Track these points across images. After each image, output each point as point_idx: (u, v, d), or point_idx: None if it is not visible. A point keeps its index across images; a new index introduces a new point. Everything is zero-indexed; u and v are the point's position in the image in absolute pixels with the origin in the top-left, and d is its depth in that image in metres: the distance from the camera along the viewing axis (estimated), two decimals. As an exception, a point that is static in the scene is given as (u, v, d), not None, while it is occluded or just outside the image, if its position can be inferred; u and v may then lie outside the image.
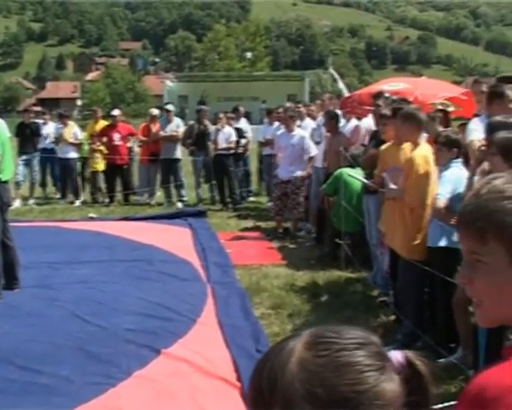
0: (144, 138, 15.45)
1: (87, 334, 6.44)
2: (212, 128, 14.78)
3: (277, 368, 1.12)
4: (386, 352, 1.16)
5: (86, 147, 15.99)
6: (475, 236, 1.38)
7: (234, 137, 14.58)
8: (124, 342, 6.18)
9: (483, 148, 5.27)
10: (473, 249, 1.40)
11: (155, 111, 16.25)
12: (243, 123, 15.94)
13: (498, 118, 5.38)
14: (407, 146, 6.71)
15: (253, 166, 16.99)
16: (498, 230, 1.35)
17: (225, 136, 14.43)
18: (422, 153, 6.28)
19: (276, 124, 13.86)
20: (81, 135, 16.00)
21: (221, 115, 14.73)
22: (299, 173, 11.27)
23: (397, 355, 1.18)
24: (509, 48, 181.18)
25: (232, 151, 14.62)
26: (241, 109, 16.25)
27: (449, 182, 5.81)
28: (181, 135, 15.06)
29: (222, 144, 14.39)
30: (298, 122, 12.07)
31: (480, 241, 1.37)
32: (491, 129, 5.24)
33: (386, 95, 8.48)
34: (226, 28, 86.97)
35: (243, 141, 15.23)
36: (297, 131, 11.49)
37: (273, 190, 12.21)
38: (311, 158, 11.31)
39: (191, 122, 15.86)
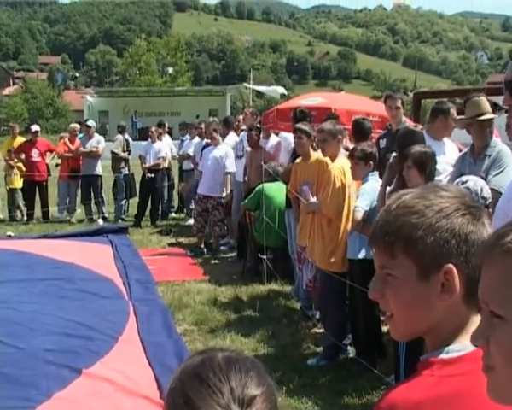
0: (65, 154, 15.16)
1: (4, 356, 6.25)
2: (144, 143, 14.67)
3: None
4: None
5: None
6: (385, 250, 1.41)
7: (163, 153, 14.49)
8: (43, 363, 6.03)
9: (394, 160, 5.43)
10: (383, 264, 1.42)
11: (76, 125, 16.02)
12: (167, 138, 15.84)
13: (405, 127, 5.54)
14: (319, 159, 6.86)
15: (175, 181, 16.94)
16: (406, 244, 1.37)
17: (155, 151, 14.33)
18: (339, 165, 6.39)
19: (197, 139, 13.85)
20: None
21: (152, 129, 14.62)
22: (218, 192, 11.27)
23: None
24: (426, 63, 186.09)
25: (161, 167, 14.55)
26: (166, 124, 16.15)
27: (367, 194, 5.92)
28: (101, 151, 14.88)
29: (151, 160, 14.29)
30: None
31: (390, 255, 1.40)
32: (402, 137, 5.42)
33: (305, 110, 8.58)
34: (147, 43, 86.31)
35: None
36: (222, 146, 11.51)
37: (195, 206, 12.20)
38: (227, 174, 11.32)
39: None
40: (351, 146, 6.97)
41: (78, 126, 15.98)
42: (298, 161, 7.52)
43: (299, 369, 6.07)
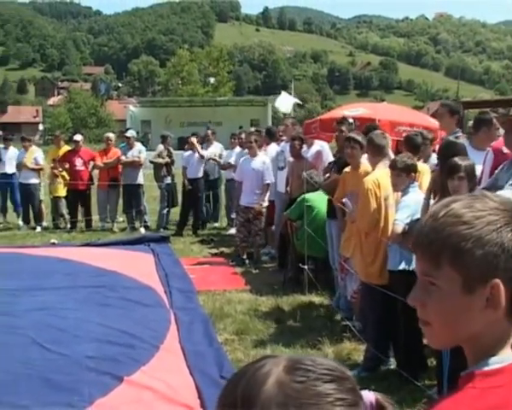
0: (101, 164, 15.30)
1: (48, 362, 6.33)
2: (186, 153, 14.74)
3: (253, 387, 1.12)
4: (358, 390, 1.17)
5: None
6: (430, 258, 1.38)
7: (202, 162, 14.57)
8: (85, 370, 6.09)
9: (437, 172, 5.40)
10: (426, 272, 1.39)
11: (112, 135, 16.15)
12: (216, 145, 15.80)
13: (447, 138, 5.50)
14: (364, 171, 6.81)
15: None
16: (453, 255, 1.34)
17: (197, 159, 14.40)
18: (373, 178, 6.34)
19: (238, 148, 13.89)
20: (42, 160, 15.82)
21: (194, 139, 14.70)
22: (259, 202, 11.29)
23: (369, 395, 1.19)
24: (469, 73, 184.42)
25: (199, 175, 14.62)
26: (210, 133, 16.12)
27: (407, 207, 5.86)
28: (143, 160, 15.00)
29: (192, 170, 14.38)
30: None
31: (435, 264, 1.37)
32: (444, 149, 5.38)
33: (350, 120, 8.55)
34: (189, 53, 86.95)
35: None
36: (260, 157, 11.52)
37: (236, 216, 12.23)
38: (267, 185, 11.35)
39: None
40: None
41: (113, 136, 16.10)
42: (347, 170, 7.47)
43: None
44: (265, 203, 11.38)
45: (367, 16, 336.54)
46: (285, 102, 17.43)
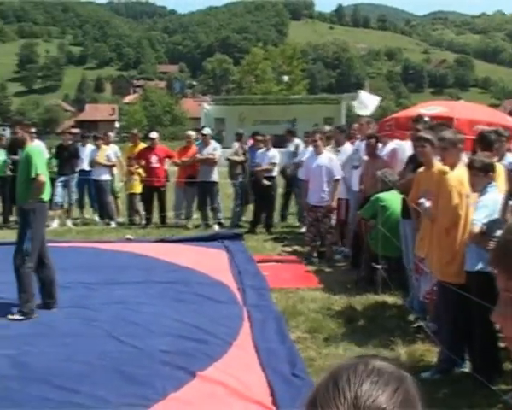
0: (179, 161, 15.47)
1: (123, 355, 6.46)
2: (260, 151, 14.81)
3: None
4: None
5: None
6: (508, 272, 1.33)
7: (277, 160, 14.61)
8: (159, 364, 6.18)
9: None
10: (505, 286, 1.34)
11: (191, 133, 16.31)
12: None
13: None
14: (440, 169, 6.69)
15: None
16: None
17: (268, 157, 14.45)
18: (457, 175, 6.24)
19: (312, 147, 13.85)
20: (114, 157, 16.12)
21: (268, 137, 14.74)
22: (328, 200, 11.24)
23: None
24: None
25: (275, 173, 14.66)
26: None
27: (485, 207, 5.74)
28: (218, 158, 15.11)
29: (265, 166, 14.44)
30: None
31: None
32: None
33: (426, 119, 8.42)
34: (263, 51, 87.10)
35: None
36: (325, 153, 11.48)
37: (306, 215, 12.22)
38: (336, 181, 11.29)
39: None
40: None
41: (193, 134, 16.24)
42: (421, 170, 7.37)
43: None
44: (335, 199, 11.33)
45: (442, 12, 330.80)
46: (368, 103, 17.07)
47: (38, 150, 8.39)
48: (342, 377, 1.17)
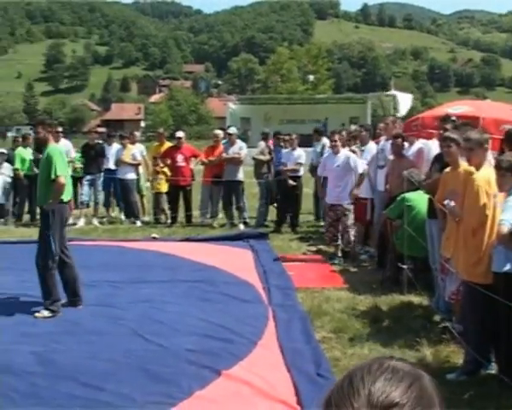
0: (206, 160, 15.50)
1: (148, 353, 6.49)
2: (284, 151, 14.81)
3: None
4: None
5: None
6: None
7: (303, 160, 14.60)
8: (184, 363, 6.21)
9: None
10: None
11: (220, 132, 16.31)
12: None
13: None
14: (466, 169, 6.65)
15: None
16: None
17: (294, 157, 14.44)
18: (484, 175, 6.18)
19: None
20: (140, 156, 16.18)
21: (294, 136, 14.74)
22: (345, 198, 11.24)
23: None
24: None
25: (300, 173, 14.65)
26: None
27: (513, 207, 5.68)
28: (243, 157, 15.12)
29: (291, 166, 14.43)
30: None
31: None
32: None
33: (453, 118, 8.37)
34: (289, 51, 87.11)
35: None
36: (342, 152, 11.47)
37: (325, 215, 12.22)
38: (361, 175, 11.28)
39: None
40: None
41: (221, 133, 16.24)
42: (447, 170, 7.33)
43: (438, 383, 5.90)
44: (357, 192, 11.32)
45: (469, 11, 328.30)
46: (405, 101, 17.01)
47: (59, 151, 8.37)
48: (357, 376, 1.21)
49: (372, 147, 12.22)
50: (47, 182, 8.03)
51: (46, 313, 7.81)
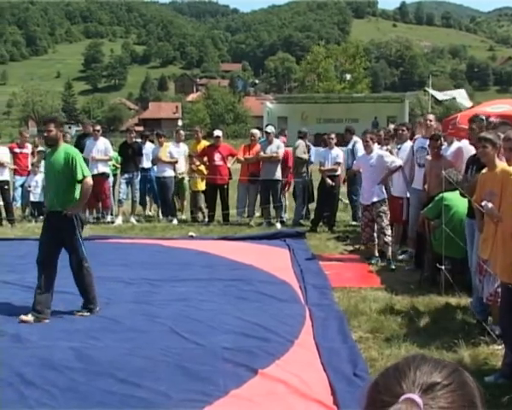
0: (243, 159, 15.52)
1: (185, 351, 6.52)
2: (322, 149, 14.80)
3: None
4: None
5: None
6: None
7: (341, 159, 14.56)
8: (221, 361, 6.22)
9: None
10: None
11: (256, 131, 16.31)
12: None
13: None
14: (503, 170, 6.57)
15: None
16: None
17: (332, 156, 14.41)
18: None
19: (377, 145, 13.71)
20: (177, 154, 16.23)
21: (332, 136, 14.70)
22: (379, 196, 11.21)
23: None
24: None
25: (338, 172, 14.63)
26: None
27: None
28: (281, 156, 15.11)
29: (329, 166, 14.40)
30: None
31: None
32: None
33: (482, 117, 8.27)
34: (325, 50, 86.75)
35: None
36: (375, 152, 11.42)
37: (361, 215, 12.19)
38: (399, 167, 11.33)
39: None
40: None
41: (258, 132, 16.23)
42: (484, 171, 7.25)
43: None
44: (394, 192, 11.29)
45: (508, 8, 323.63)
46: (464, 98, 16.97)
47: (77, 151, 8.19)
48: (402, 363, 1.32)
49: (408, 145, 12.13)
50: (70, 184, 7.77)
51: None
